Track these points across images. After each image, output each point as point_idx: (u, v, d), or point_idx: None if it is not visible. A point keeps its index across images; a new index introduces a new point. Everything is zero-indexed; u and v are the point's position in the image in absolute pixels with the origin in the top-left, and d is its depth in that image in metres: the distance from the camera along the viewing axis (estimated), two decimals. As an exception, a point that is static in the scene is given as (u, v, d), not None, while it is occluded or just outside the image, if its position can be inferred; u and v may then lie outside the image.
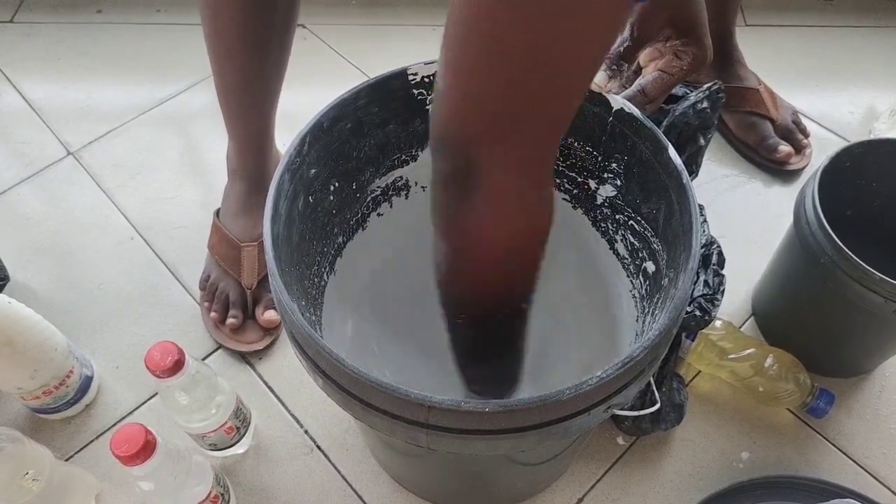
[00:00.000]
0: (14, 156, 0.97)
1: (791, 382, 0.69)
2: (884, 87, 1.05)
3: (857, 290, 0.61)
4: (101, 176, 0.95)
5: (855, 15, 1.15)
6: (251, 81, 0.72)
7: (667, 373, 0.66)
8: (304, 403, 0.74)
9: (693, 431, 0.72)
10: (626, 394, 0.42)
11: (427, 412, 0.38)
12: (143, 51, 1.12)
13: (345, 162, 0.53)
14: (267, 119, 0.76)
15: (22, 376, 0.65)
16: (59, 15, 1.17)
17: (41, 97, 1.05)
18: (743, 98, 0.94)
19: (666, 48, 0.52)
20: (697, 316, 0.57)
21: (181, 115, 1.03)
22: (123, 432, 0.51)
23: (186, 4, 1.18)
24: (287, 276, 0.45)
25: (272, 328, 0.77)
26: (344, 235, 0.58)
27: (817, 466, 0.69)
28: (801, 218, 0.65)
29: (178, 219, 0.90)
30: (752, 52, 0.97)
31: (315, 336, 0.40)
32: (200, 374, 0.59)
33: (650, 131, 0.48)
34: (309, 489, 0.69)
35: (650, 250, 0.53)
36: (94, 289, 0.83)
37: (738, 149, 0.96)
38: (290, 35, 0.70)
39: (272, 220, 0.45)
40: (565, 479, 0.68)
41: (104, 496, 0.68)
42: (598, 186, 0.56)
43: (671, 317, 0.41)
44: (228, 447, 0.68)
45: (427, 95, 0.53)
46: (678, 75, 0.51)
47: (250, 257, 0.78)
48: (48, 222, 0.90)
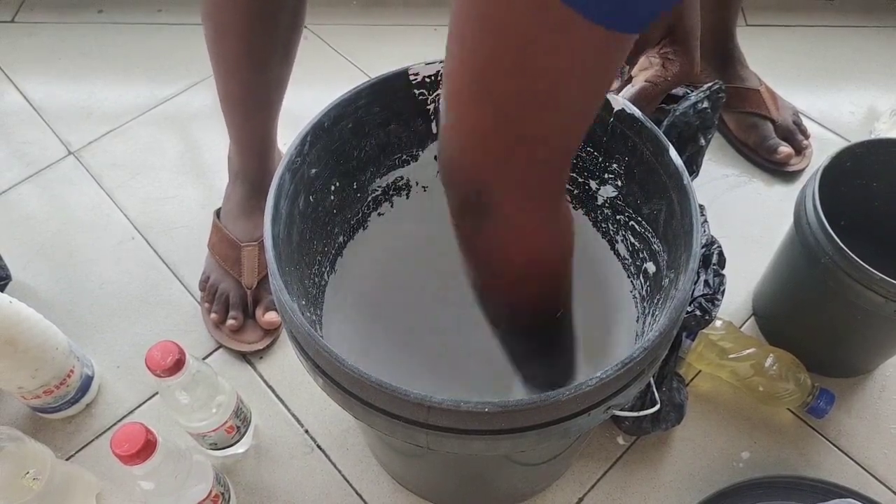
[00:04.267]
0: (15, 155, 0.98)
1: (791, 382, 0.69)
2: (884, 87, 1.05)
3: (858, 290, 0.61)
4: (101, 176, 0.95)
5: (856, 15, 1.15)
6: (254, 92, 0.71)
7: (667, 373, 0.66)
8: (305, 403, 0.74)
9: (693, 431, 0.72)
10: (626, 394, 0.42)
11: (427, 412, 0.38)
12: (145, 51, 1.12)
13: (346, 162, 0.54)
14: (269, 124, 0.76)
15: (23, 376, 0.65)
16: (61, 15, 1.17)
17: (42, 97, 1.05)
18: (743, 98, 0.93)
19: (657, 56, 0.53)
20: (698, 316, 0.57)
21: (182, 114, 1.03)
22: (124, 431, 0.51)
23: (188, 4, 1.18)
24: (287, 276, 0.45)
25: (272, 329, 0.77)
26: (345, 235, 0.58)
27: (818, 466, 0.69)
28: (802, 218, 0.65)
29: (179, 218, 0.90)
30: (752, 52, 0.97)
31: (315, 336, 0.40)
32: (201, 374, 0.60)
33: (651, 132, 0.48)
34: (309, 489, 0.69)
35: (651, 251, 0.53)
36: (95, 288, 0.83)
37: (739, 149, 0.96)
38: (293, 48, 0.70)
39: (273, 220, 0.45)
40: (565, 479, 0.68)
41: (105, 495, 0.68)
42: (599, 187, 0.56)
43: (671, 318, 0.41)
44: (229, 447, 0.68)
45: (428, 95, 0.53)
46: (662, 86, 0.52)
47: (250, 257, 0.78)
48: (49, 222, 0.90)
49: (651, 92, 0.52)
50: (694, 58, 0.53)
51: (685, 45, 0.52)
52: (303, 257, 0.51)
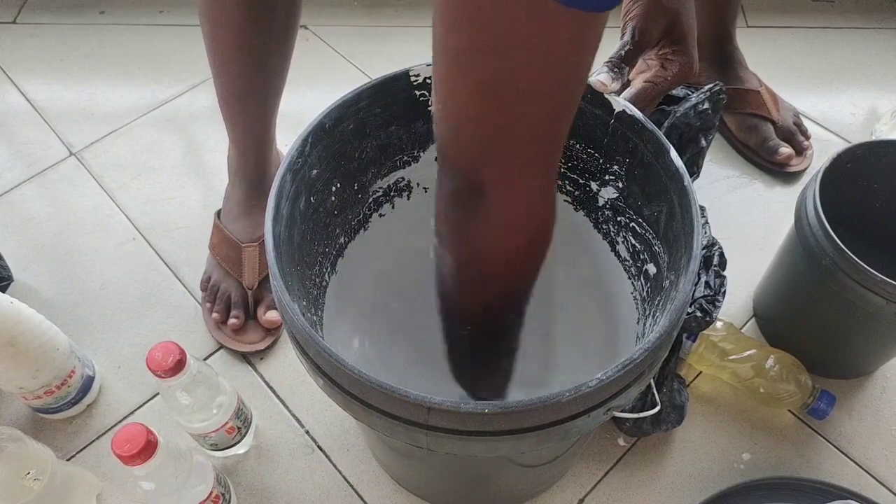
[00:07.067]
0: (17, 156, 0.98)
1: (792, 383, 0.69)
2: (885, 88, 1.05)
3: (858, 292, 0.61)
4: (103, 176, 0.95)
5: (856, 16, 1.15)
6: (251, 89, 0.72)
7: (667, 374, 0.66)
8: (305, 404, 0.74)
9: (694, 432, 0.72)
10: (627, 396, 0.42)
11: (427, 413, 0.38)
12: (146, 52, 1.12)
13: (347, 163, 0.54)
14: (267, 123, 0.76)
15: (24, 376, 0.65)
16: (62, 16, 1.18)
17: (44, 98, 1.05)
18: (744, 100, 0.93)
19: (655, 57, 0.53)
20: (698, 317, 0.57)
21: (183, 115, 1.03)
22: (125, 432, 0.51)
23: (189, 6, 1.18)
24: (288, 277, 0.45)
25: (273, 328, 0.78)
26: (346, 236, 0.58)
27: (818, 468, 0.69)
28: (803, 219, 0.65)
29: (180, 219, 0.90)
30: (753, 53, 0.97)
31: (316, 337, 0.40)
32: (202, 375, 0.60)
33: (652, 134, 0.48)
34: (310, 489, 0.69)
35: (651, 252, 0.53)
36: (96, 289, 0.84)
37: (740, 150, 0.96)
38: (290, 43, 0.70)
39: (274, 221, 0.45)
40: (566, 480, 0.68)
41: (105, 496, 0.68)
42: (600, 189, 0.56)
43: (672, 319, 0.41)
44: (229, 447, 0.68)
45: (429, 96, 0.53)
46: (662, 86, 0.53)
47: (251, 258, 0.78)
48: (50, 223, 0.90)
49: (651, 92, 0.53)
50: (692, 58, 0.53)
51: (683, 45, 0.53)
52: (304, 258, 0.51)
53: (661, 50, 0.53)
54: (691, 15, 0.53)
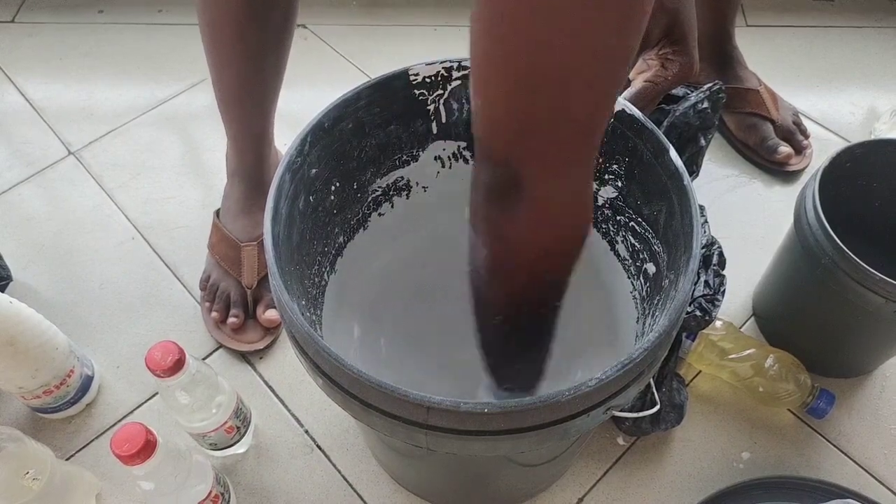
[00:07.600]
0: (15, 156, 0.98)
1: (791, 383, 0.69)
2: (885, 87, 1.05)
3: (858, 291, 0.61)
4: (102, 176, 0.95)
5: (856, 15, 1.15)
6: (249, 86, 0.72)
7: (667, 373, 0.66)
8: (305, 403, 0.74)
9: (693, 432, 0.72)
10: (626, 395, 0.42)
11: (426, 412, 0.38)
12: (145, 51, 1.12)
13: (346, 162, 0.54)
14: (265, 121, 0.76)
15: (23, 376, 0.65)
16: (61, 15, 1.17)
17: (42, 97, 1.05)
18: (743, 99, 0.94)
19: (655, 56, 0.53)
20: (698, 316, 0.57)
21: (182, 115, 1.03)
22: (124, 431, 0.51)
23: (188, 5, 1.18)
24: (287, 276, 0.45)
25: (273, 328, 0.78)
26: (345, 235, 0.58)
27: (818, 467, 0.70)
28: (802, 218, 0.65)
29: (179, 218, 0.90)
30: (752, 52, 0.97)
31: (315, 336, 0.40)
32: (201, 374, 0.60)
33: (651, 133, 0.48)
34: (309, 489, 0.69)
35: (651, 252, 0.53)
36: (95, 288, 0.83)
37: (739, 149, 0.96)
38: (287, 40, 0.70)
39: (273, 220, 0.45)
40: (565, 480, 0.68)
41: (105, 495, 0.68)
42: (600, 188, 0.56)
43: (671, 319, 0.41)
44: (229, 447, 0.68)
45: (428, 96, 0.53)
46: (662, 86, 0.53)
47: (250, 257, 0.78)
48: (49, 222, 0.90)
49: (651, 92, 0.52)
50: (693, 58, 0.53)
51: (683, 45, 0.53)
52: (303, 257, 0.51)
53: (662, 50, 0.53)
54: (692, 15, 0.53)
